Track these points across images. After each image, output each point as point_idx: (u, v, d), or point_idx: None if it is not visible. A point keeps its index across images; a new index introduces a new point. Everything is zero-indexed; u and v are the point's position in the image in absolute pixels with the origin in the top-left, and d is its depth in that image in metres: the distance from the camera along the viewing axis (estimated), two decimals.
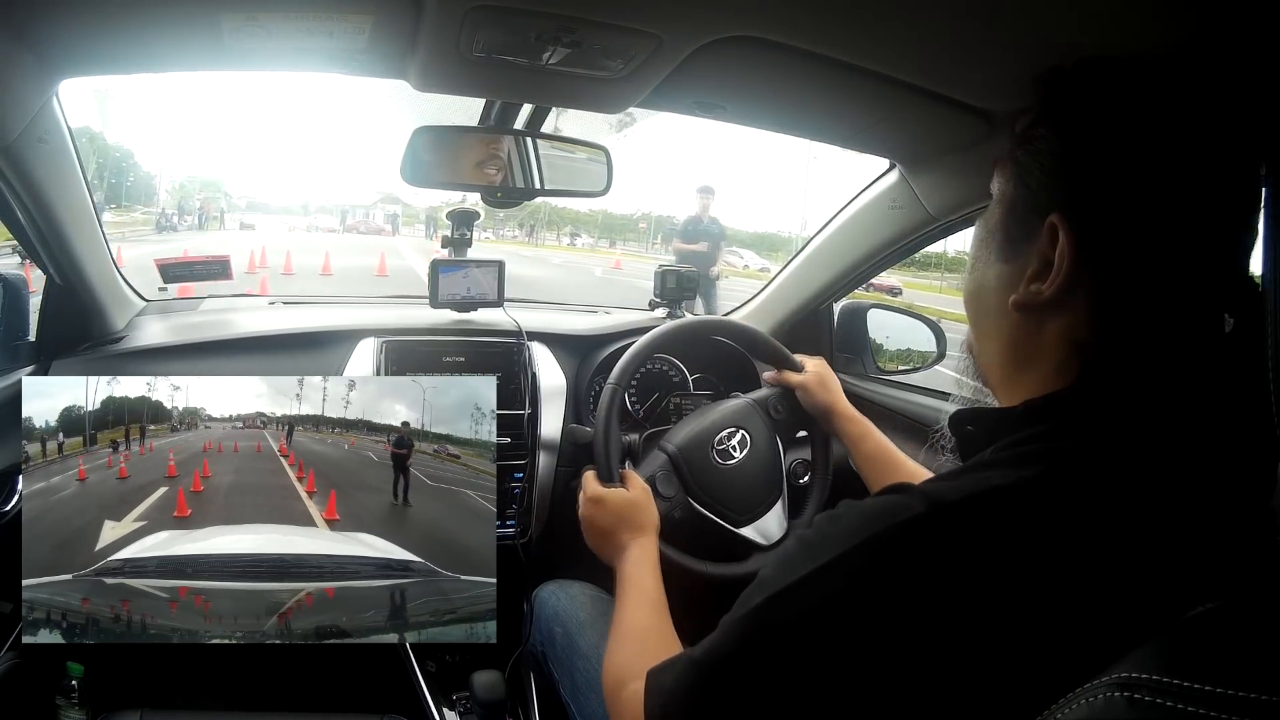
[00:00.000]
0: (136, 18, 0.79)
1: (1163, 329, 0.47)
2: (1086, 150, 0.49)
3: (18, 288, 1.16)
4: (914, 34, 0.74)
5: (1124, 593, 0.41)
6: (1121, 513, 0.42)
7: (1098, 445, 0.45)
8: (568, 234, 35.97)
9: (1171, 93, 0.49)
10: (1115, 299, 0.47)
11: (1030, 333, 0.51)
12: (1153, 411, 0.46)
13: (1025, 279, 0.50)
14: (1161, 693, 0.32)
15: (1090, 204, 0.48)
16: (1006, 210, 0.54)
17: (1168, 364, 0.47)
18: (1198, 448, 0.46)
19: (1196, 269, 0.47)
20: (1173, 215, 0.46)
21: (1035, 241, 0.50)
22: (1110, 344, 0.48)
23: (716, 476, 1.14)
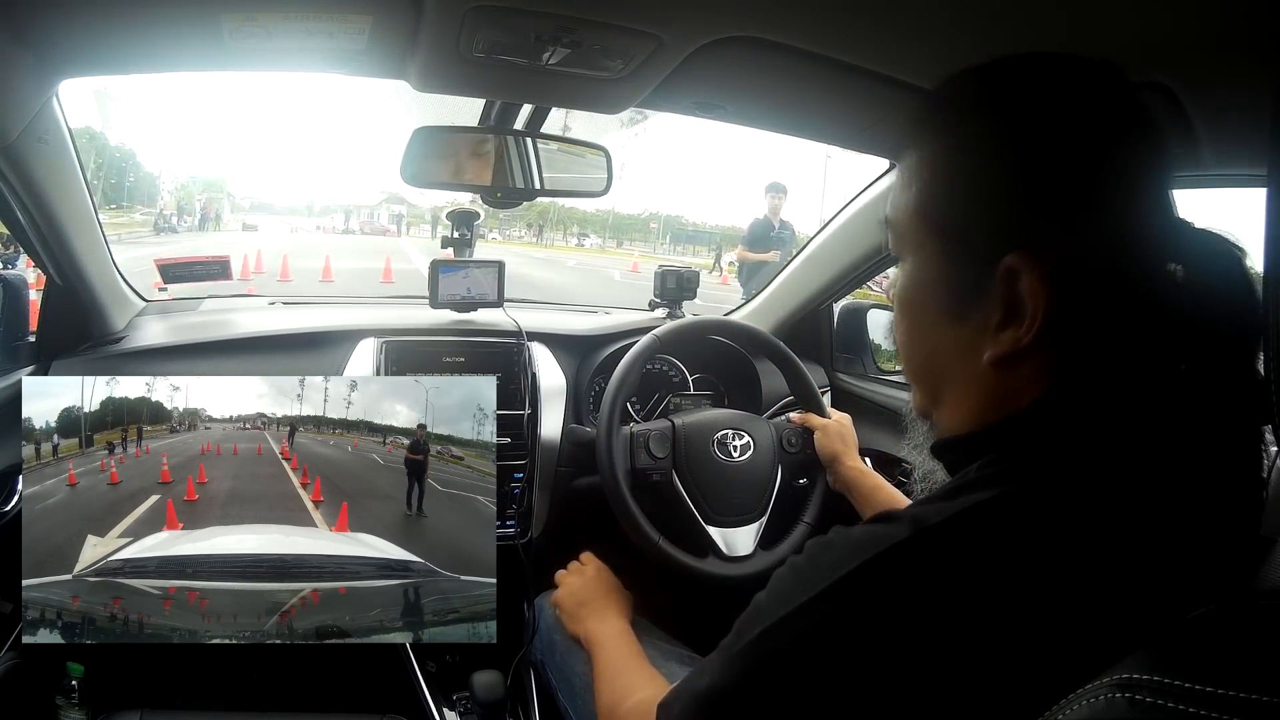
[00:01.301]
0: (136, 18, 0.79)
1: (1131, 319, 0.44)
2: (1040, 165, 0.45)
3: (18, 288, 1.16)
4: (913, 35, 0.74)
5: (1114, 599, 0.40)
6: (1107, 519, 0.41)
7: (1079, 452, 0.43)
8: (575, 234, 35.98)
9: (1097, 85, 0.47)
10: (1093, 312, 0.44)
11: (1010, 377, 0.46)
12: (1133, 411, 0.44)
13: (993, 331, 0.45)
14: (1162, 694, 0.32)
15: (1044, 226, 0.44)
16: (934, 261, 0.49)
17: (1146, 359, 0.45)
18: (1180, 449, 0.44)
19: (1148, 245, 0.44)
20: (1120, 200, 0.44)
21: (989, 289, 0.45)
22: (1083, 349, 0.45)
23: (709, 466, 1.15)
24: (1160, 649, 0.36)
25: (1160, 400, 0.44)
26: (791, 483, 1.22)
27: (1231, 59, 0.64)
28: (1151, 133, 0.46)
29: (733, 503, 1.16)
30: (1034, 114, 0.46)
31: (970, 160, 0.47)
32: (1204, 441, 0.44)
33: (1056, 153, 0.44)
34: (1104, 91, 0.46)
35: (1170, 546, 0.42)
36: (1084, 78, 0.47)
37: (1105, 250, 0.43)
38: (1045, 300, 0.43)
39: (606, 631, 0.94)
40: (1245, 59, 0.63)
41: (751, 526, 1.16)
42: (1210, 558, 0.42)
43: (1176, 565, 0.41)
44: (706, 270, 16.64)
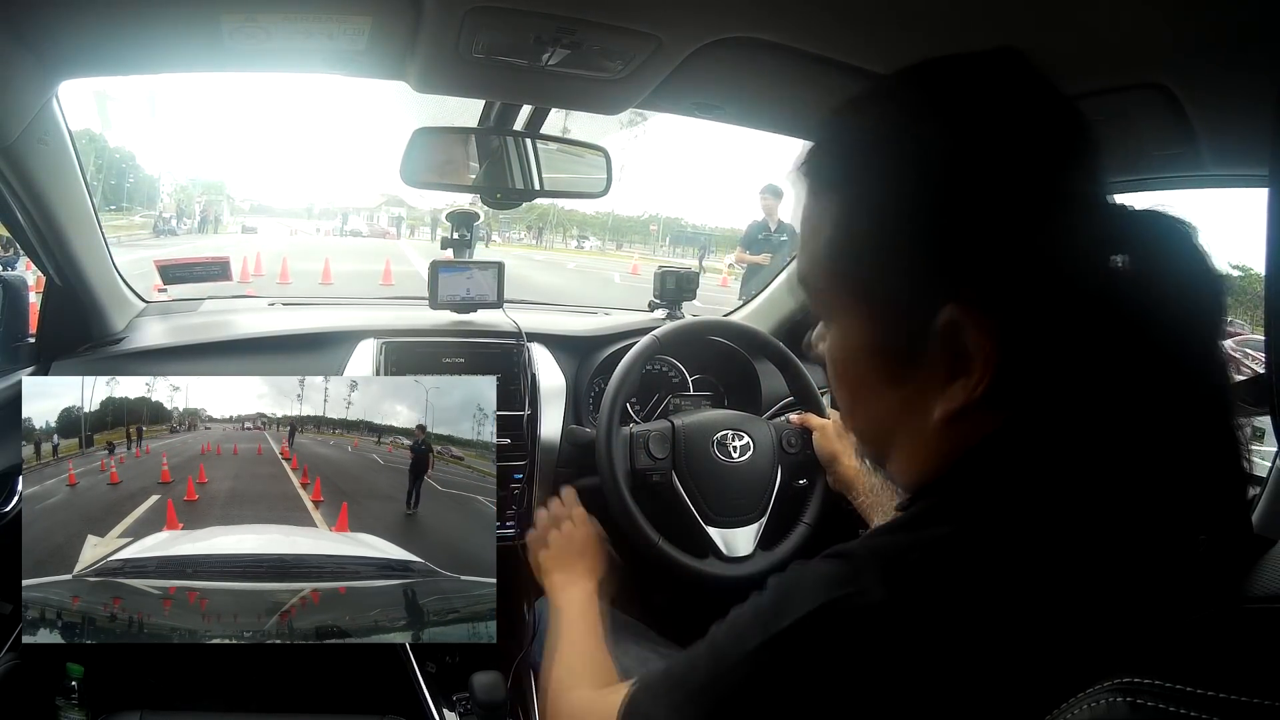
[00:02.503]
0: (136, 18, 0.79)
1: (1085, 330, 0.40)
2: (968, 202, 0.40)
3: (18, 289, 1.16)
4: (913, 35, 0.74)
5: (1088, 618, 0.38)
6: (1070, 543, 0.39)
7: (1036, 478, 0.41)
8: (574, 236, 35.98)
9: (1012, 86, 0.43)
10: (1040, 341, 0.41)
11: (965, 426, 0.42)
12: (1090, 424, 0.41)
13: (940, 386, 0.42)
14: (1164, 697, 0.32)
15: (988, 270, 0.40)
16: (861, 325, 0.45)
17: (1099, 365, 0.41)
18: (1145, 452, 0.41)
19: (1089, 248, 0.40)
20: (1059, 219, 0.40)
21: (929, 346, 0.41)
22: (1037, 379, 0.41)
23: (708, 466, 1.15)
24: (1161, 652, 0.36)
25: (1120, 405, 0.41)
26: (791, 483, 1.22)
27: (1231, 59, 0.64)
28: (1082, 136, 0.43)
29: (732, 503, 1.16)
30: (953, 146, 0.41)
31: (886, 206, 0.43)
32: (1171, 440, 0.41)
33: (983, 185, 0.40)
34: (1030, 106, 0.43)
35: (1148, 555, 0.40)
36: (1003, 90, 0.43)
37: (1047, 275, 0.40)
38: (993, 349, 0.40)
39: (570, 598, 0.90)
40: (1245, 59, 0.63)
41: (751, 527, 1.16)
42: (1196, 561, 0.41)
43: (1157, 573, 0.40)
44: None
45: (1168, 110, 0.73)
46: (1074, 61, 0.74)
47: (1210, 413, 0.42)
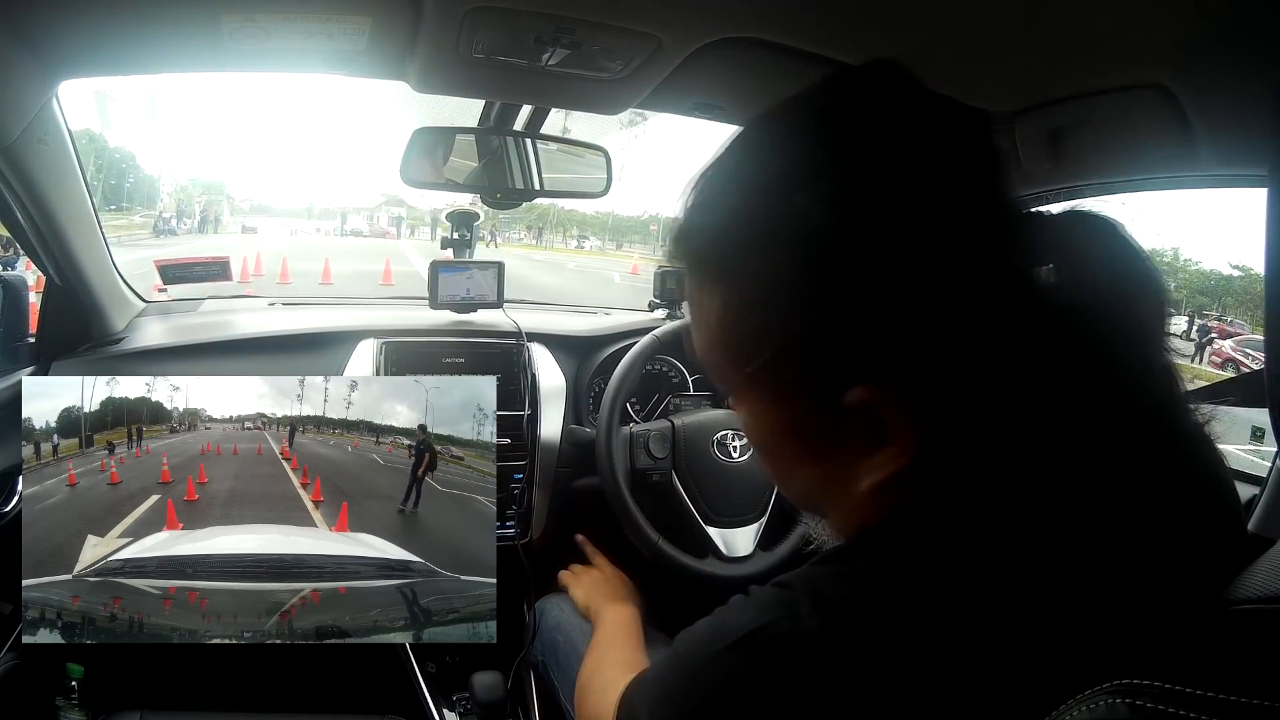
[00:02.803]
0: (136, 18, 0.79)
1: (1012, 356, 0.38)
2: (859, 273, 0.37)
3: (18, 289, 1.16)
4: (913, 35, 0.74)
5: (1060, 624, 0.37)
6: (1011, 567, 0.38)
7: (971, 501, 0.39)
8: (574, 236, 35.97)
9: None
10: (961, 392, 0.38)
11: (894, 485, 0.40)
12: (1027, 442, 0.39)
13: (862, 454, 0.40)
14: (1164, 698, 0.32)
15: (894, 342, 0.37)
16: (772, 410, 0.43)
17: (1041, 390, 0.38)
18: (1094, 463, 0.39)
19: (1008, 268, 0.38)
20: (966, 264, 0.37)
21: (843, 424, 0.40)
22: (971, 411, 0.39)
23: (708, 465, 1.16)
24: (1162, 653, 0.36)
25: (1059, 425, 0.38)
26: None
27: (1231, 59, 0.64)
28: (979, 153, 0.40)
29: (732, 503, 1.16)
30: (834, 220, 0.37)
31: (772, 295, 0.40)
32: (1116, 454, 0.39)
33: (872, 258, 0.37)
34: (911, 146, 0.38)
35: (1112, 565, 0.38)
36: (878, 135, 0.39)
37: (962, 324, 0.37)
38: (909, 421, 0.38)
39: (615, 611, 0.97)
40: (1245, 59, 0.63)
41: (751, 527, 1.16)
42: (1171, 567, 0.40)
43: (1125, 582, 0.38)
44: None
45: (1168, 110, 0.73)
46: (1074, 61, 0.74)
47: (1153, 418, 0.40)
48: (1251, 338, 11.00)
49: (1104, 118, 0.81)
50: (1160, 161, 0.84)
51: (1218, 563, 0.41)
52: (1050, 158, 0.91)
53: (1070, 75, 0.78)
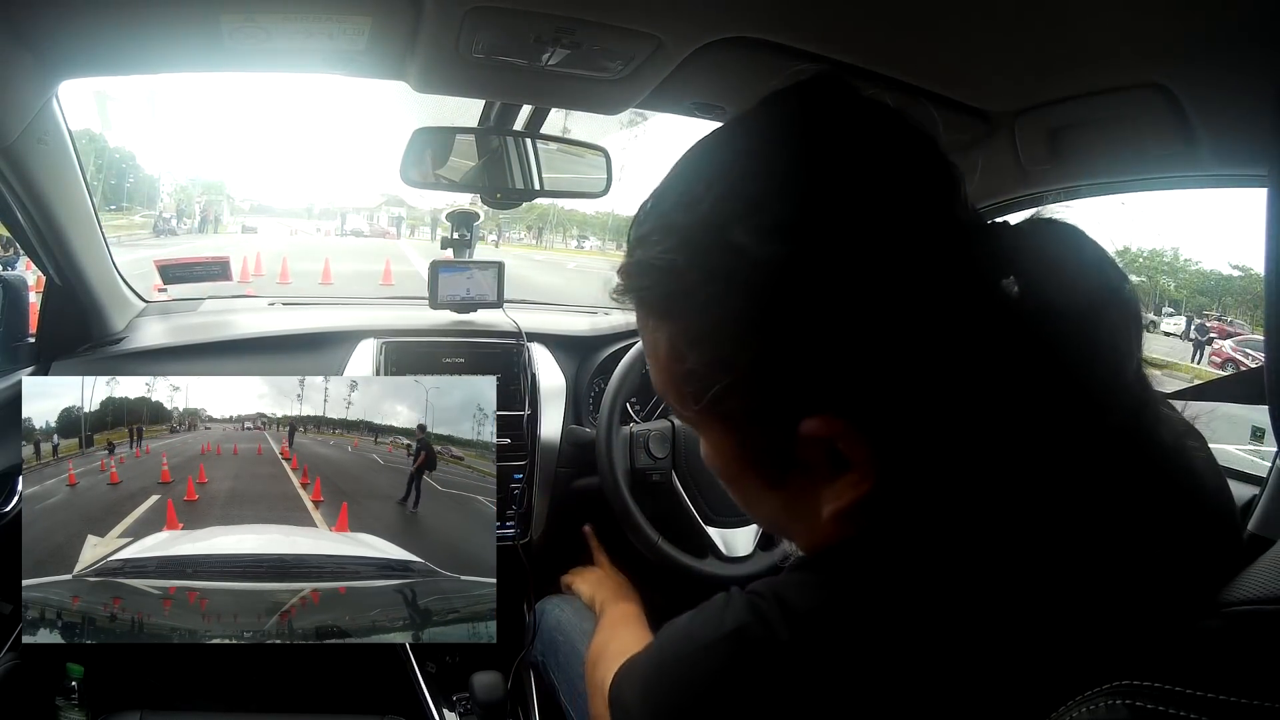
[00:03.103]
0: (136, 18, 0.79)
1: (975, 371, 0.37)
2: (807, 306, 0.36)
3: (18, 289, 1.16)
4: (913, 34, 0.74)
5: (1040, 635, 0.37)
6: (993, 572, 0.37)
7: (946, 508, 0.38)
8: (574, 236, 35.96)
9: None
10: (920, 412, 0.37)
11: (856, 510, 0.40)
12: (1000, 454, 0.38)
13: (821, 481, 0.40)
14: (1164, 700, 0.32)
15: (847, 373, 0.37)
16: (729, 439, 0.43)
17: (1006, 400, 0.37)
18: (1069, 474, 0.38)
19: (968, 286, 0.37)
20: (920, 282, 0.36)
21: (798, 453, 0.39)
22: (934, 423, 0.38)
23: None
24: (1161, 655, 0.36)
25: (1028, 440, 0.37)
26: None
27: (1231, 59, 0.64)
28: (929, 170, 0.39)
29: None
30: (774, 254, 0.36)
31: (717, 331, 0.39)
32: (1087, 465, 0.38)
33: (815, 287, 0.36)
34: (856, 165, 0.37)
35: (1093, 572, 0.38)
36: (818, 162, 0.37)
37: (916, 346, 0.36)
38: (867, 449, 0.37)
39: (621, 603, 0.98)
40: (1245, 59, 0.63)
41: (751, 527, 1.16)
42: (1170, 568, 0.40)
43: (1109, 588, 0.38)
44: None
45: (1168, 110, 0.73)
46: (1074, 61, 0.74)
47: (1124, 428, 0.39)
48: (1251, 338, 11.00)
49: (1104, 118, 0.81)
50: (1160, 161, 0.84)
51: (1207, 567, 0.41)
52: (1050, 158, 0.91)
53: (1070, 75, 0.78)
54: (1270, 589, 0.38)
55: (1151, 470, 0.41)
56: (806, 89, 0.40)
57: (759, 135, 0.41)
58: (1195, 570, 0.41)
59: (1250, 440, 2.52)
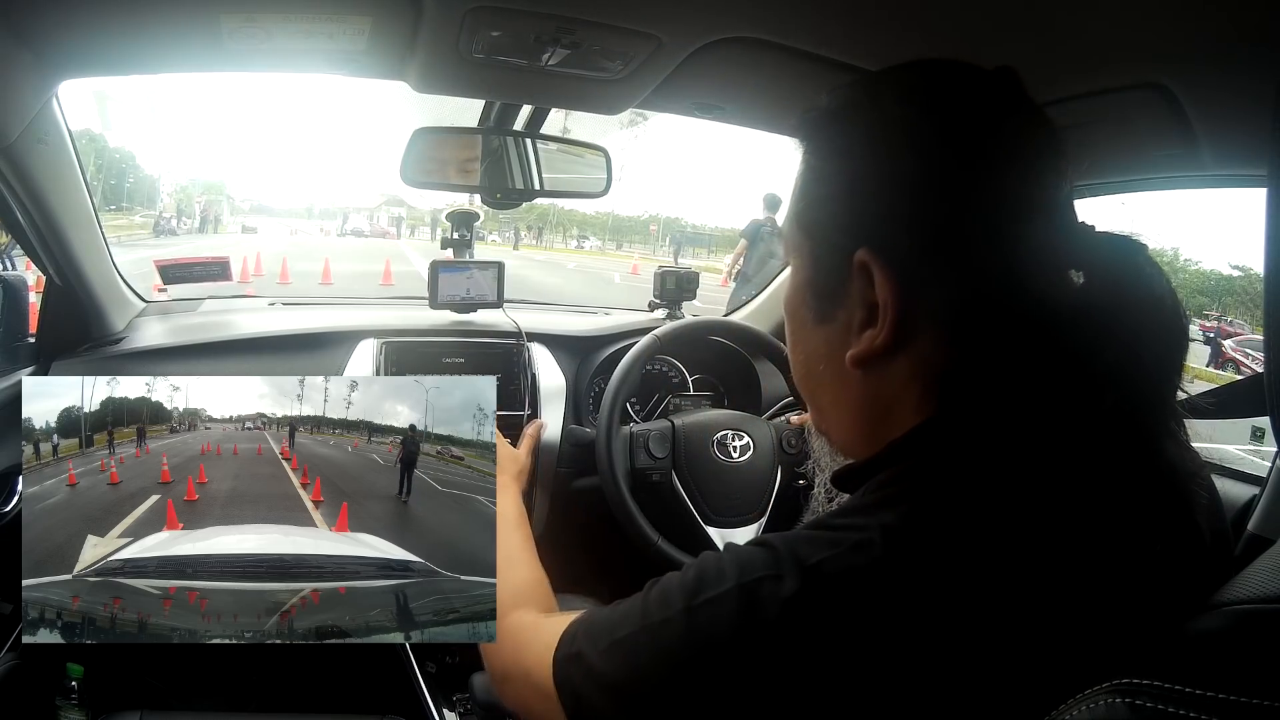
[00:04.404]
0: (136, 18, 0.79)
1: (1019, 330, 0.42)
2: (869, 164, 0.46)
3: (18, 288, 1.16)
4: (913, 34, 0.74)
5: (1025, 633, 0.37)
6: (1001, 548, 0.38)
7: (964, 473, 0.41)
8: (574, 236, 35.95)
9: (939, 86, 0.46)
10: (958, 314, 0.43)
11: (879, 382, 0.46)
12: (1023, 427, 0.41)
13: (855, 331, 0.45)
14: (1164, 698, 0.32)
15: (895, 224, 0.44)
16: (804, 262, 0.50)
17: (1033, 369, 0.42)
18: (1088, 460, 0.40)
19: (1030, 246, 0.43)
20: (984, 204, 0.43)
21: (849, 288, 0.45)
22: (967, 361, 0.43)
23: (708, 466, 1.16)
24: (1161, 654, 0.36)
25: (1063, 408, 0.41)
26: (791, 483, 1.22)
27: (1231, 59, 0.64)
28: (1041, 140, 0.45)
29: (732, 503, 1.16)
30: (896, 121, 0.45)
31: (834, 164, 0.48)
32: (1103, 463, 0.41)
33: (926, 158, 0.44)
34: (982, 100, 0.45)
35: (1094, 560, 0.39)
36: (964, 86, 0.46)
37: (978, 259, 0.43)
38: (894, 297, 0.43)
39: (506, 503, 0.96)
40: (1245, 59, 0.63)
41: (751, 527, 1.16)
42: (1152, 569, 0.41)
43: (1107, 579, 0.39)
44: None
45: (1168, 110, 0.73)
46: (1074, 61, 0.74)
47: (1134, 443, 0.42)
48: (1251, 338, 11.00)
49: (1104, 118, 0.81)
50: (1160, 161, 0.84)
51: (1200, 580, 0.42)
52: None
53: (1070, 75, 0.78)
54: (1270, 589, 0.38)
55: (1152, 479, 0.42)
56: (995, 73, 0.47)
57: (945, 73, 0.48)
58: (1185, 581, 0.41)
59: (1250, 440, 2.52)
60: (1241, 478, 0.95)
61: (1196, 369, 9.41)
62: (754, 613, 0.39)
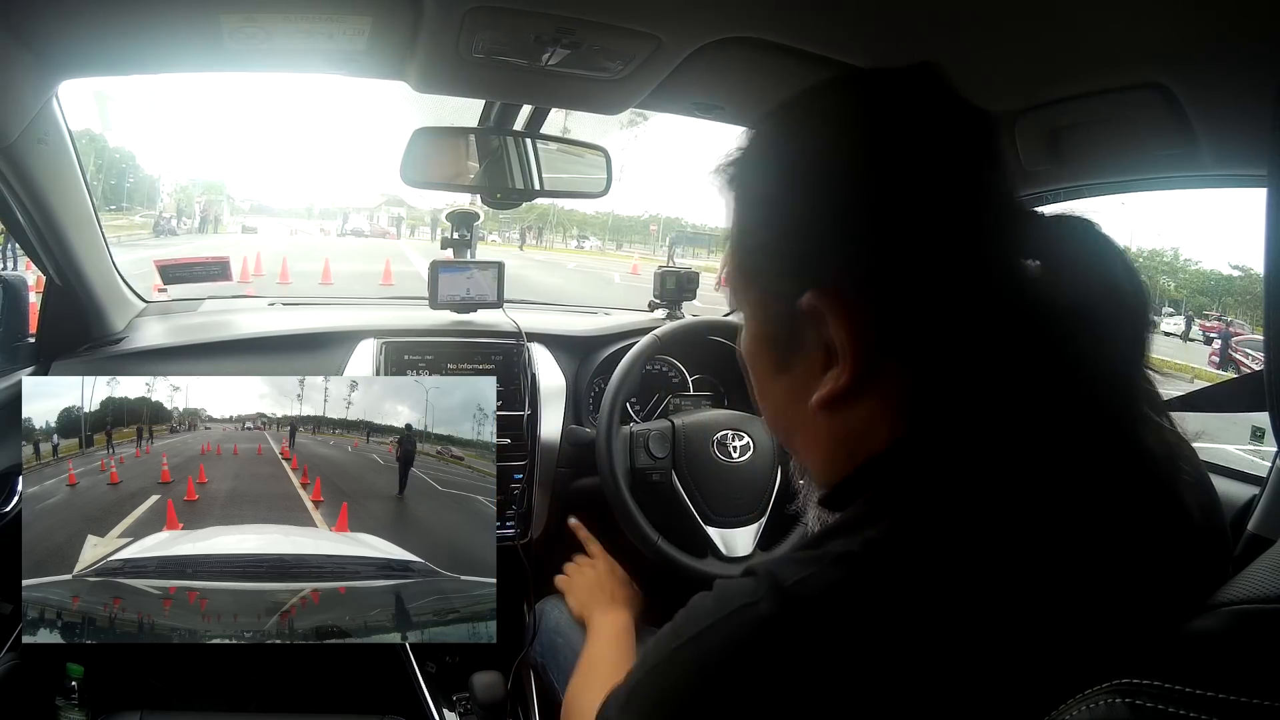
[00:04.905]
0: (136, 19, 0.79)
1: (983, 333, 0.41)
2: (797, 203, 0.44)
3: (18, 288, 1.16)
4: (913, 35, 0.74)
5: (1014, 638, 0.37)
6: (988, 551, 0.38)
7: (946, 481, 0.40)
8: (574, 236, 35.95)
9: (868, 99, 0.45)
10: (919, 333, 0.41)
11: (850, 417, 0.44)
12: (1000, 430, 0.40)
13: (818, 373, 0.43)
14: (1164, 698, 0.32)
15: (835, 260, 0.42)
16: (754, 313, 0.48)
17: (1003, 370, 0.41)
18: (1071, 453, 0.40)
19: (979, 245, 0.42)
20: (923, 216, 0.41)
21: (803, 333, 0.44)
22: (935, 375, 0.42)
23: (708, 466, 1.16)
24: (1161, 653, 0.36)
25: (1038, 405, 0.40)
26: (791, 483, 1.22)
27: (1231, 59, 0.64)
28: (970, 134, 0.44)
29: (732, 503, 1.16)
30: (813, 154, 0.44)
31: (761, 212, 0.47)
32: (1077, 458, 0.40)
33: (852, 184, 0.42)
34: (898, 111, 0.43)
35: (1078, 563, 0.38)
36: (877, 101, 0.45)
37: (928, 272, 0.41)
38: (850, 335, 0.41)
39: (608, 622, 0.97)
40: (1245, 59, 0.63)
41: (751, 527, 1.16)
42: (1161, 565, 0.40)
43: (1092, 582, 0.38)
44: None
45: (1168, 110, 0.73)
46: (1074, 61, 0.74)
47: (1108, 425, 0.41)
48: (1251, 337, 11.00)
49: (1104, 118, 0.81)
50: (1160, 161, 0.84)
51: (1193, 575, 0.41)
52: (1050, 158, 0.91)
53: (1070, 75, 0.78)
54: (1270, 588, 0.38)
55: (1129, 466, 0.42)
56: (909, 71, 0.45)
57: (855, 82, 0.48)
58: (1181, 574, 0.41)
59: (1250, 440, 2.52)
60: (1241, 478, 0.95)
61: (1197, 369, 9.42)
62: (732, 642, 0.39)
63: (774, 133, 0.48)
